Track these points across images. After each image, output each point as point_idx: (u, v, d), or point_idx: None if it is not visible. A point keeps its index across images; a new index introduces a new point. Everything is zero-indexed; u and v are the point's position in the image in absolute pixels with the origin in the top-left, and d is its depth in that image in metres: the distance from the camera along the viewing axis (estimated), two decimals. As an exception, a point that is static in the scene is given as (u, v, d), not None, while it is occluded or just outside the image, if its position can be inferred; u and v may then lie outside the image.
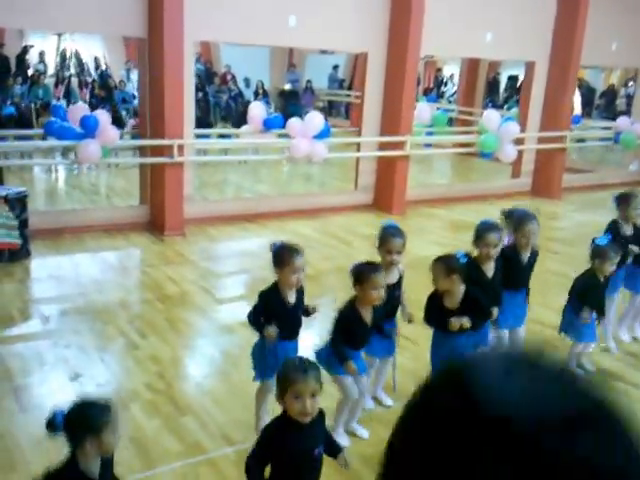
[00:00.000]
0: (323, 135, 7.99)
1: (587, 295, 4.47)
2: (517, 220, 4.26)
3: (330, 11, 8.48)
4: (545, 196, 10.75)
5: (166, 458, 3.53)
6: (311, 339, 5.01)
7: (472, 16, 9.58)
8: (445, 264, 3.66)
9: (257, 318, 3.49)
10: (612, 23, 11.07)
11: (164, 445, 3.64)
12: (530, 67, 10.68)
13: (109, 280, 6.34)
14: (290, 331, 3.49)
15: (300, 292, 3.57)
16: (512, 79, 19.40)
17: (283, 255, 3.43)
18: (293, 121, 7.99)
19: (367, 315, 3.54)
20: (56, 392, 4.14)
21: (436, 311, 3.75)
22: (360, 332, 3.54)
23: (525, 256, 4.30)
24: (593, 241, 4.57)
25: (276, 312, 3.45)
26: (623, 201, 5.01)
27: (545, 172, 10.99)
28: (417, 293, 4.08)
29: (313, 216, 8.87)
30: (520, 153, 10.63)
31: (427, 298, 3.83)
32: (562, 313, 4.70)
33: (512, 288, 4.25)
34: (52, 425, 2.29)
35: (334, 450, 2.77)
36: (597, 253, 4.46)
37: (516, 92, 17.77)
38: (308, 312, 3.62)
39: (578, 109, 18.64)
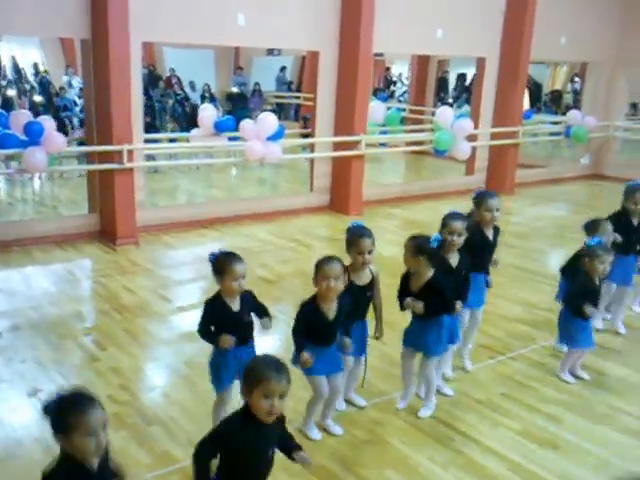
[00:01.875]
0: (277, 136, 7.82)
1: (585, 298, 4.41)
2: (479, 196, 4.39)
3: (280, 9, 8.33)
4: (499, 192, 10.54)
5: (136, 470, 3.40)
6: (273, 342, 4.90)
7: (423, 13, 9.58)
8: (414, 244, 3.77)
9: (206, 329, 3.44)
10: (561, 17, 11.22)
11: (133, 457, 3.54)
12: (481, 63, 10.73)
13: (62, 292, 6.10)
14: (240, 337, 3.41)
15: (246, 297, 3.50)
16: (461, 77, 19.62)
17: (222, 263, 3.39)
18: (246, 123, 7.79)
19: (329, 311, 3.52)
20: (15, 409, 4.04)
21: (403, 290, 3.90)
22: (320, 327, 3.52)
23: (489, 233, 4.40)
24: (586, 245, 4.52)
25: (222, 320, 3.40)
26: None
27: (498, 168, 11.06)
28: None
29: (269, 219, 8.74)
30: (473, 150, 10.68)
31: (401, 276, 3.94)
32: (558, 322, 4.65)
33: (475, 270, 4.29)
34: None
35: (291, 449, 2.70)
36: (589, 253, 4.43)
37: (465, 90, 17.97)
38: (264, 325, 3.56)
39: (527, 105, 19.02)
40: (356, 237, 3.77)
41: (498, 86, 10.75)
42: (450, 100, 18.69)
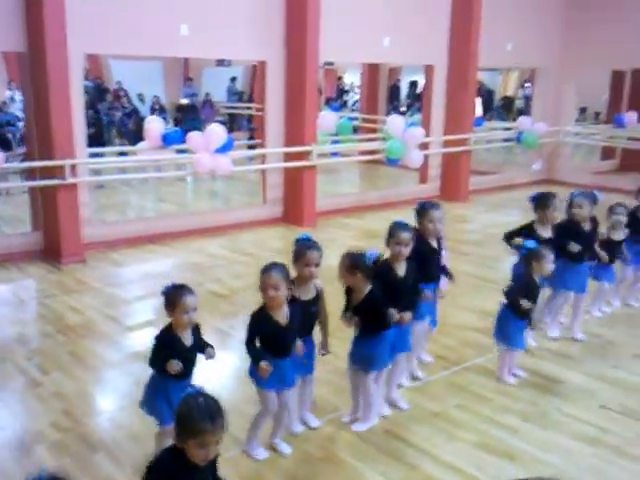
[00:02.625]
0: (226, 148, 7.67)
1: (525, 297, 4.41)
2: (421, 207, 4.33)
3: (225, 19, 8.21)
4: (453, 199, 10.84)
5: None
6: (226, 358, 4.75)
7: (370, 21, 9.56)
8: (350, 260, 3.73)
9: (160, 363, 3.29)
10: (507, 24, 11.34)
11: (75, 486, 3.37)
12: (429, 71, 10.76)
13: (3, 315, 5.87)
14: (186, 373, 3.31)
15: (196, 331, 3.41)
16: (413, 85, 19.78)
17: (172, 296, 3.28)
18: (193, 135, 7.62)
19: (280, 317, 3.47)
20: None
21: (347, 305, 3.87)
22: (274, 335, 3.46)
23: (434, 242, 4.35)
24: (523, 246, 4.49)
25: (175, 355, 3.26)
26: (542, 203, 4.96)
27: (452, 176, 11.10)
28: (329, 304, 3.93)
29: (221, 233, 8.58)
30: (426, 158, 10.70)
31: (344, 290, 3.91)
32: (496, 320, 4.62)
33: (424, 281, 4.23)
34: None
35: None
36: (534, 256, 4.42)
37: (417, 98, 18.09)
38: (209, 354, 3.44)
39: (479, 112, 19.26)
40: (303, 249, 3.69)
41: (448, 93, 10.80)
42: (403, 108, 18.82)
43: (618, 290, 6.09)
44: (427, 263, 4.26)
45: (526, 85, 19.58)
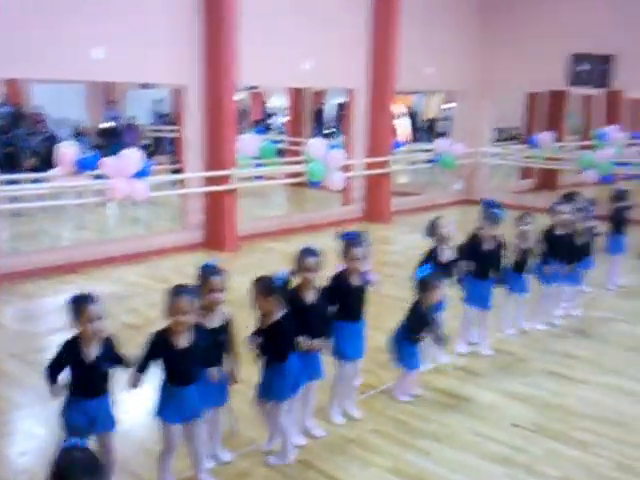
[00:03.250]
0: (143, 173, 7.52)
1: (420, 326, 4.49)
2: (344, 244, 4.25)
3: (143, 43, 8.10)
4: (377, 221, 10.96)
5: None
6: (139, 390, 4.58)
7: (289, 46, 9.63)
8: (263, 285, 3.67)
9: (55, 370, 3.23)
10: (425, 48, 11.64)
11: None
12: (350, 94, 10.90)
13: None
14: (87, 389, 3.21)
15: (107, 343, 3.30)
16: (339, 107, 19.98)
17: (74, 305, 3.20)
18: (108, 160, 7.44)
19: (181, 342, 3.36)
20: None
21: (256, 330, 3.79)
22: (170, 359, 3.35)
23: (356, 281, 4.23)
24: (415, 273, 4.56)
25: (72, 367, 3.18)
26: (431, 228, 5.10)
27: (374, 197, 11.23)
28: (247, 331, 3.83)
29: (141, 260, 8.40)
30: (349, 180, 10.80)
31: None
32: (392, 341, 4.64)
33: (350, 318, 4.21)
34: None
35: None
36: (422, 285, 4.49)
37: (342, 120, 18.28)
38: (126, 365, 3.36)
39: (408, 134, 19.62)
40: (207, 275, 3.62)
41: (368, 117, 10.95)
42: (328, 131, 18.98)
43: (536, 308, 6.21)
44: (349, 301, 4.22)
45: (448, 107, 20.08)
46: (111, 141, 14.65)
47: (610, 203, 7.36)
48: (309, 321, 3.90)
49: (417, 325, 4.50)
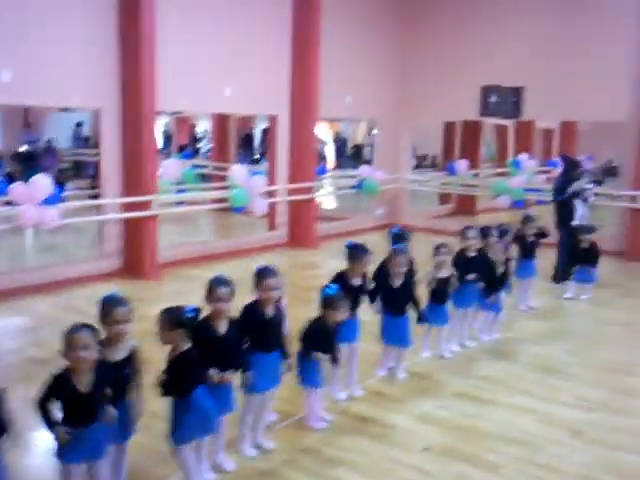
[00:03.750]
0: (53, 200, 7.29)
1: (318, 341, 4.49)
2: (256, 275, 4.18)
3: (54, 64, 7.90)
4: (303, 246, 10.98)
5: None
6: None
7: (210, 71, 9.61)
8: (169, 316, 3.57)
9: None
10: (345, 77, 11.87)
11: None
12: (273, 121, 10.96)
13: None
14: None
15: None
16: (264, 133, 20.03)
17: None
18: (17, 186, 7.18)
19: (80, 383, 3.24)
20: None
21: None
22: (72, 401, 3.22)
23: (270, 311, 4.19)
24: (323, 290, 4.56)
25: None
26: (353, 254, 5.09)
27: (299, 223, 11.25)
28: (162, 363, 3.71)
29: (55, 290, 8.08)
30: (273, 206, 10.81)
31: None
32: (296, 361, 4.61)
33: (263, 349, 4.16)
34: None
35: None
36: (328, 302, 4.51)
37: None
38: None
39: (332, 160, 19.85)
40: (109, 307, 3.53)
41: (291, 143, 11.03)
42: (256, 156, 18.99)
43: (453, 331, 6.31)
44: (262, 332, 4.16)
45: (375, 133, 20.46)
46: (28, 165, 14.19)
47: (519, 227, 7.62)
48: (221, 352, 3.82)
49: (314, 341, 4.48)
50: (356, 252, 5.10)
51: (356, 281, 5.11)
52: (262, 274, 4.15)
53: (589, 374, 5.90)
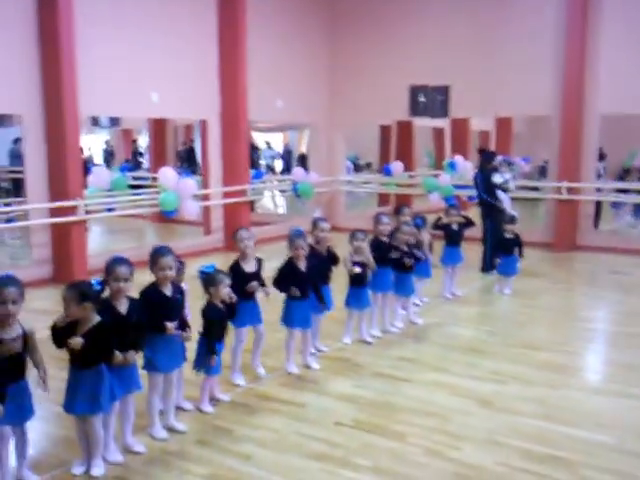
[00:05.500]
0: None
1: (216, 326, 4.54)
2: (151, 256, 4.25)
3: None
4: (235, 250, 10.95)
5: None
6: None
7: (136, 76, 9.64)
8: (77, 291, 3.62)
9: None
10: (275, 82, 12.02)
11: None
12: (203, 126, 11.01)
13: None
14: None
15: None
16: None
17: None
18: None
19: None
20: None
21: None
22: None
23: (168, 291, 4.24)
24: (200, 272, 4.60)
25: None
26: (235, 238, 5.27)
27: (233, 227, 11.23)
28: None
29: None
30: (208, 210, 10.83)
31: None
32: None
33: (161, 331, 4.17)
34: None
35: None
36: (209, 280, 4.55)
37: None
38: None
39: (279, 167, 19.99)
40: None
41: (223, 147, 11.10)
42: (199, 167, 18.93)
43: (372, 315, 6.42)
44: (161, 312, 4.17)
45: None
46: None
47: (444, 216, 7.85)
48: (123, 332, 3.85)
49: (211, 326, 4.52)
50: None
51: (249, 267, 5.23)
52: (156, 254, 4.21)
53: (504, 351, 6.08)
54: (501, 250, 8.31)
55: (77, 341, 3.57)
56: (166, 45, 10.11)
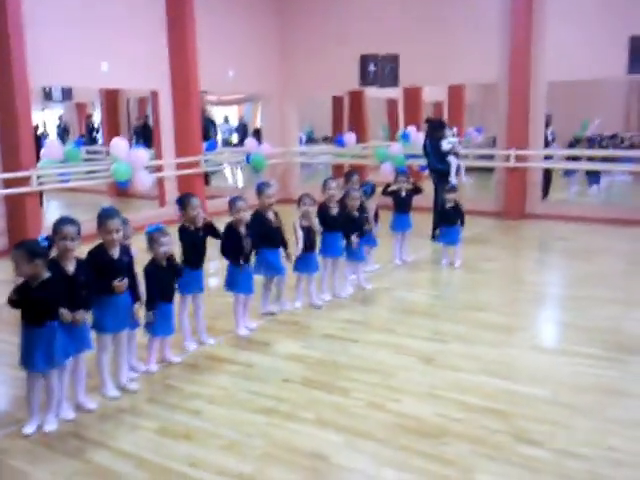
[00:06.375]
0: None
1: (154, 282, 4.64)
2: (98, 218, 4.33)
3: None
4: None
5: None
6: None
7: (84, 45, 9.55)
8: (27, 249, 3.71)
9: None
10: (226, 52, 12.01)
11: None
12: (154, 96, 10.95)
13: None
14: None
15: None
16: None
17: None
18: None
19: None
20: None
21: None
22: None
23: (115, 253, 4.33)
24: (146, 232, 4.72)
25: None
26: (182, 203, 5.19)
27: (189, 198, 11.28)
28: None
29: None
30: (162, 182, 10.82)
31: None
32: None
33: (107, 292, 4.26)
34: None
35: None
36: (151, 239, 4.66)
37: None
38: None
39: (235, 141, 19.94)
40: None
41: (175, 118, 11.07)
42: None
43: (323, 281, 6.59)
44: (107, 274, 4.26)
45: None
46: None
47: (392, 182, 8.02)
48: (70, 292, 3.93)
49: (156, 283, 4.62)
50: (184, 201, 5.22)
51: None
52: (103, 216, 4.30)
53: (450, 314, 6.29)
54: (442, 220, 8.26)
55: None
56: (116, 15, 10.01)
